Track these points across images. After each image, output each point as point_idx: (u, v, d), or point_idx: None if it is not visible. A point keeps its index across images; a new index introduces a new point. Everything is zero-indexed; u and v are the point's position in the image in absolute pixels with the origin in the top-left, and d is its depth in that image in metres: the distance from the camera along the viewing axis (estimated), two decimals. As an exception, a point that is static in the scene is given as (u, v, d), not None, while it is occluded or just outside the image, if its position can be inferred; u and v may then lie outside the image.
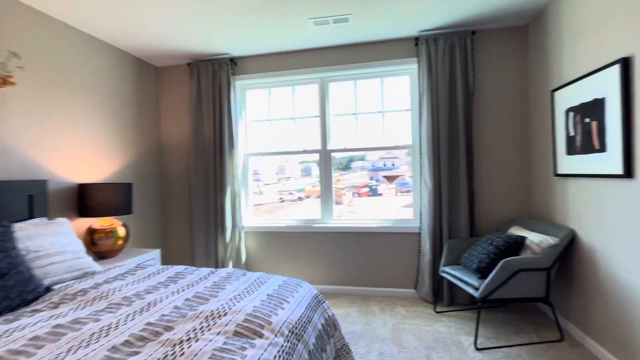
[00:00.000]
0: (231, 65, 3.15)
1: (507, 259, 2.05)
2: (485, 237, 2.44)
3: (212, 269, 1.78)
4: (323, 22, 2.53)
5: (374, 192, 3.07)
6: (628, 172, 1.67)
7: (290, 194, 3.36)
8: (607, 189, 1.84)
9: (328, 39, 2.89)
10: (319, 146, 3.19)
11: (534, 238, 2.21)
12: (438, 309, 2.68)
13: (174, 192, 3.40)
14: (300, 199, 3.32)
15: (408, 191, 3.09)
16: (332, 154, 3.16)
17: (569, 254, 2.21)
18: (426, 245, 2.77)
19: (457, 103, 2.71)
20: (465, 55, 2.70)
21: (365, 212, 3.23)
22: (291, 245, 3.17)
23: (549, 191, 2.43)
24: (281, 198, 3.37)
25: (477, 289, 2.13)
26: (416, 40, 2.82)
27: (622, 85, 1.67)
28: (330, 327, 1.60)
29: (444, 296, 2.74)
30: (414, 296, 2.95)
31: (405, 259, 2.96)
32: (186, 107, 3.37)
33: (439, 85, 2.72)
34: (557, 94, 2.25)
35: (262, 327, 1.13)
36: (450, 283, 2.74)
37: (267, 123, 3.33)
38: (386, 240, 2.99)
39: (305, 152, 3.24)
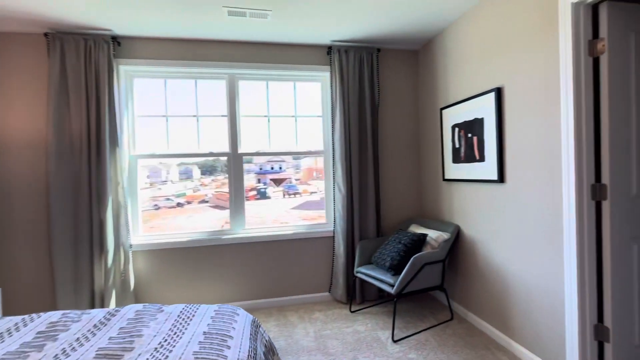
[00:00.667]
0: (113, 45, 2.53)
1: (416, 255, 2.30)
2: (392, 237, 2.68)
3: (110, 310, 1.33)
4: (239, 13, 2.30)
5: (262, 195, 3.01)
6: (501, 178, 2.11)
7: (168, 199, 2.91)
8: (485, 191, 2.28)
9: (242, 33, 2.65)
10: (227, 148, 2.89)
11: (432, 234, 2.56)
12: (353, 308, 2.79)
13: (18, 207, 2.48)
14: (180, 205, 2.91)
15: (295, 194, 3.14)
16: (243, 157, 2.92)
17: (456, 246, 2.65)
18: (340, 248, 2.86)
19: (365, 113, 2.91)
20: (371, 69, 2.92)
21: (256, 215, 3.11)
22: (196, 262, 2.76)
23: (438, 194, 2.87)
24: (156, 205, 2.86)
25: (392, 285, 2.30)
26: (329, 49, 2.90)
27: (496, 108, 2.10)
28: (270, 353, 1.43)
29: (356, 295, 2.88)
30: (329, 299, 3.00)
31: (319, 263, 2.99)
32: (41, 91, 2.51)
33: (349, 95, 2.86)
34: (445, 111, 2.68)
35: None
36: (362, 282, 2.90)
37: (162, 120, 2.81)
38: (301, 246, 2.94)
39: (212, 155, 2.88)
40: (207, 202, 2.99)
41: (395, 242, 2.58)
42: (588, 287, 1.64)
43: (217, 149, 2.88)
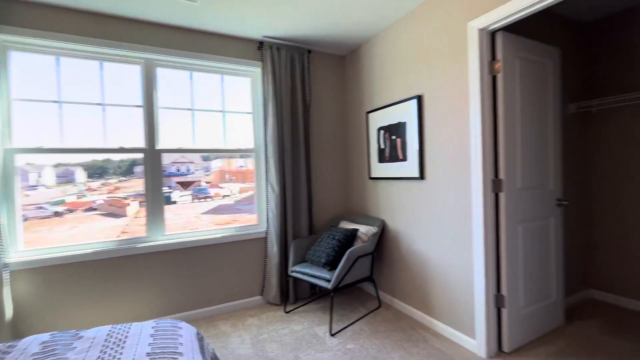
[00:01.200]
0: (-21, 5, 1.94)
1: (350, 249, 2.41)
2: (325, 234, 2.76)
3: (5, 344, 1.00)
4: (163, -10, 2.04)
5: (166, 200, 2.75)
6: (422, 175, 2.38)
7: (41, 208, 2.40)
8: (407, 188, 2.54)
9: (164, 15, 2.36)
10: (143, 144, 2.53)
11: (362, 229, 2.72)
12: (287, 309, 2.76)
13: None
14: (57, 214, 2.41)
15: (206, 197, 2.99)
16: (162, 155, 2.60)
17: (382, 239, 2.88)
18: (274, 248, 2.80)
19: (298, 113, 2.92)
20: (303, 69, 2.96)
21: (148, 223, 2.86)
22: (105, 277, 2.32)
23: (365, 191, 3.07)
24: (24, 215, 2.28)
25: (329, 280, 2.36)
26: (260, 44, 2.82)
27: (417, 114, 2.37)
28: (216, 366, 1.30)
29: (289, 295, 2.85)
30: (261, 302, 2.89)
31: (250, 267, 2.86)
32: None
33: (282, 93, 2.84)
34: (371, 115, 2.90)
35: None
36: (295, 281, 2.89)
37: (54, 106, 2.28)
38: (230, 251, 2.77)
39: (123, 150, 2.47)
40: (95, 209, 2.53)
41: (329, 238, 2.65)
42: (490, 264, 1.98)
43: (129, 144, 2.49)
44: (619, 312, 2.48)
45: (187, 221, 2.82)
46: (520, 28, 2.26)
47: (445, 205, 2.21)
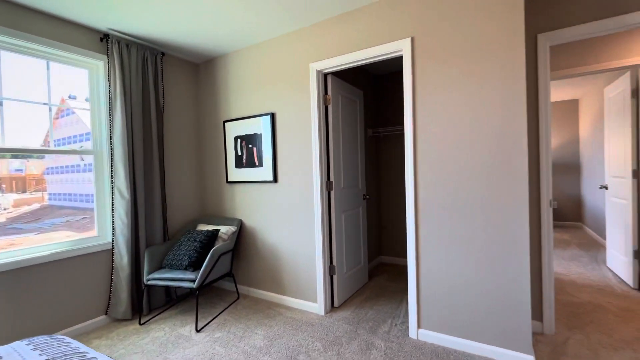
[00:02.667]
0: None
1: (214, 248, 2.61)
2: (184, 237, 2.81)
3: None
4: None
5: None
6: (275, 179, 2.88)
7: None
8: (263, 190, 2.98)
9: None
10: None
11: (222, 229, 2.95)
12: (142, 321, 2.62)
13: None
14: None
15: None
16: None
17: (240, 236, 3.18)
18: (123, 259, 2.59)
19: (151, 116, 2.82)
20: (156, 71, 2.89)
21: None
22: None
23: (222, 194, 3.29)
24: None
25: (193, 280, 2.47)
26: (105, 36, 2.56)
27: (271, 128, 2.86)
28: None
29: (143, 307, 2.70)
30: (107, 322, 2.59)
31: (92, 284, 2.52)
32: None
33: (133, 93, 2.68)
34: (228, 124, 3.17)
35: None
36: (149, 291, 2.76)
37: None
38: (64, 269, 2.37)
39: None
40: None
41: (189, 241, 2.73)
42: (326, 243, 2.69)
43: None
44: (396, 268, 3.80)
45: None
46: (342, 74, 3.16)
47: (295, 202, 2.79)
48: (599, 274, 3.36)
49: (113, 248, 2.62)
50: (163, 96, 2.97)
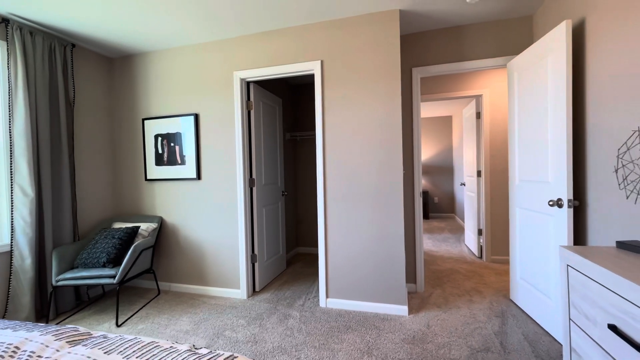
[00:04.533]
0: None
1: (135, 243, 2.65)
2: (99, 235, 2.75)
3: None
4: None
5: None
6: (199, 176, 3.05)
7: None
8: (186, 187, 3.11)
9: None
10: None
11: (143, 226, 2.97)
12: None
13: None
14: None
15: None
16: None
17: (161, 233, 3.22)
18: (26, 261, 2.42)
19: (59, 110, 2.68)
20: (65, 64, 2.75)
21: None
22: None
23: (140, 192, 3.27)
24: None
25: (113, 276, 2.49)
26: (5, 20, 2.37)
27: (195, 127, 3.02)
28: None
29: (50, 311, 2.56)
30: (3, 331, 2.38)
31: (-17, 291, 2.30)
32: None
33: (38, 85, 2.52)
34: (148, 122, 3.18)
35: None
36: (56, 294, 2.62)
37: None
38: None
39: None
40: None
41: (107, 238, 2.69)
42: (248, 235, 2.99)
43: None
44: (310, 257, 4.31)
45: None
46: (263, 82, 3.50)
47: (219, 198, 3.01)
48: (459, 250, 4.46)
49: (12, 250, 2.42)
50: (74, 89, 2.84)
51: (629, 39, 1.61)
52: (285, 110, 4.20)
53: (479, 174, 4.03)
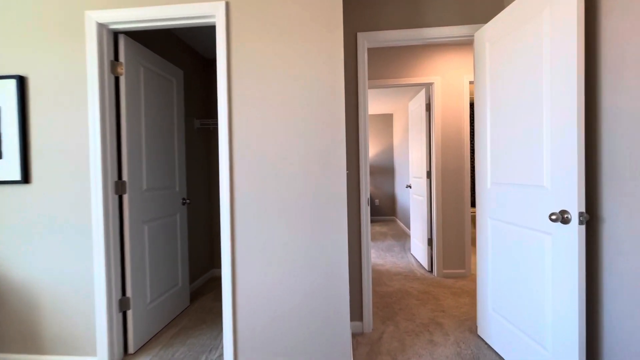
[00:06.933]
0: None
1: None
2: None
3: None
4: None
5: None
6: (26, 178, 1.88)
7: None
8: (3, 196, 1.90)
9: None
10: None
11: None
12: None
13: None
14: None
15: None
16: None
17: (-44, 273, 1.94)
18: None
19: None
20: None
21: None
22: None
23: None
24: None
25: None
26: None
27: (19, 98, 1.84)
28: None
29: None
30: None
31: None
32: None
33: None
34: None
35: None
36: None
37: None
38: None
39: None
40: None
41: None
42: (114, 269, 1.92)
43: None
44: (228, 281, 3.31)
45: None
46: (150, 41, 2.43)
47: (62, 213, 1.87)
48: (406, 261, 3.90)
49: None
50: None
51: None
52: (192, 89, 3.15)
53: (428, 174, 3.50)
